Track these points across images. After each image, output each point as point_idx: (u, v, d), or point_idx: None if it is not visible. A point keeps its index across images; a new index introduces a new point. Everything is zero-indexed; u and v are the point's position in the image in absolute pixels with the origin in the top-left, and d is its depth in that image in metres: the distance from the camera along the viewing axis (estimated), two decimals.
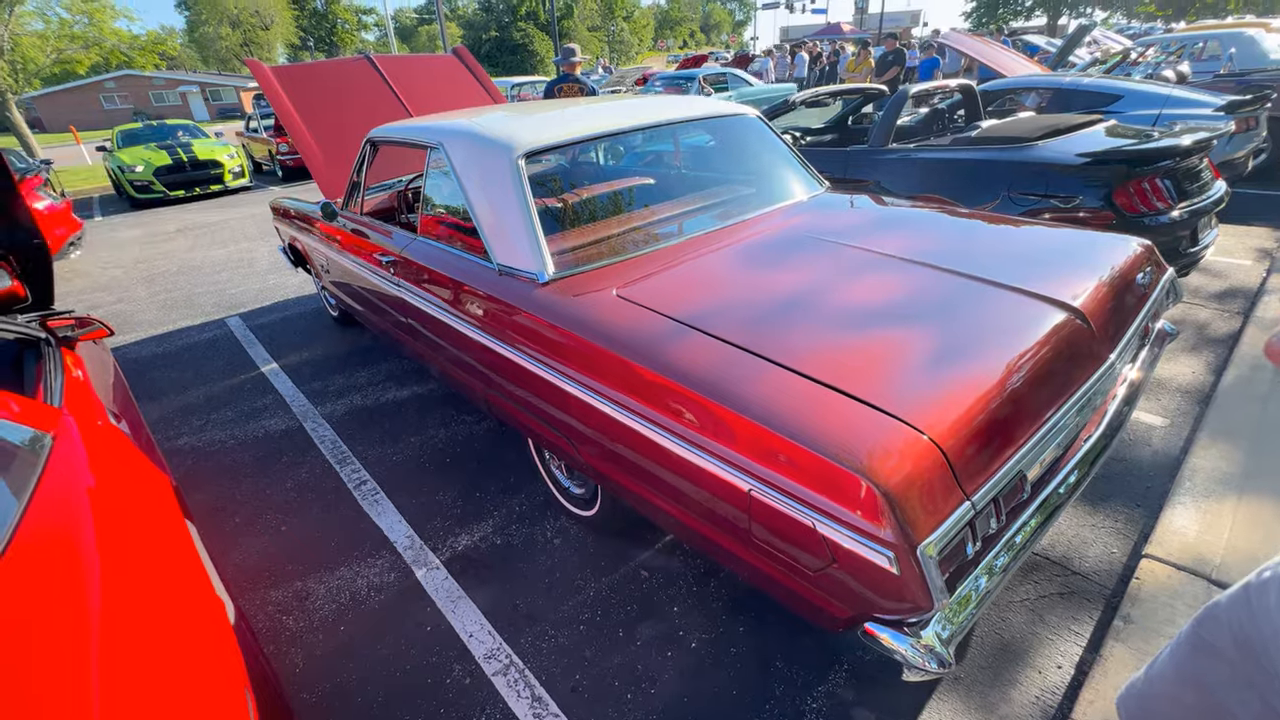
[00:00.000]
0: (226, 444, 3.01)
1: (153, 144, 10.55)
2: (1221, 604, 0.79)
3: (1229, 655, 0.76)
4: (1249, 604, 0.73)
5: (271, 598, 2.07)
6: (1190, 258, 3.11)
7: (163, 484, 1.50)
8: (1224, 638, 0.77)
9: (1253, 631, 0.71)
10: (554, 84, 4.82)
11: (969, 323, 1.48)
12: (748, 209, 2.33)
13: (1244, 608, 0.74)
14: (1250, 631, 0.72)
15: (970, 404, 1.22)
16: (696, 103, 2.63)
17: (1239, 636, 0.74)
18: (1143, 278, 1.85)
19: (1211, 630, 0.80)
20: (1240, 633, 0.74)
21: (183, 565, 1.24)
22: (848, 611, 1.18)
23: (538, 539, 2.23)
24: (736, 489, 1.27)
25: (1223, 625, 0.78)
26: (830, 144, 4.86)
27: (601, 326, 1.64)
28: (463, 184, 2.17)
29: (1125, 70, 8.73)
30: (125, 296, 5.46)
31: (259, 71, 3.83)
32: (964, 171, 3.35)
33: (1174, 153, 2.97)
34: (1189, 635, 0.84)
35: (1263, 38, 8.63)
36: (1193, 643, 0.83)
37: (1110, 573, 1.90)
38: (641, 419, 1.46)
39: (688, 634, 1.82)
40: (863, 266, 1.80)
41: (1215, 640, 0.79)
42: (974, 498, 1.13)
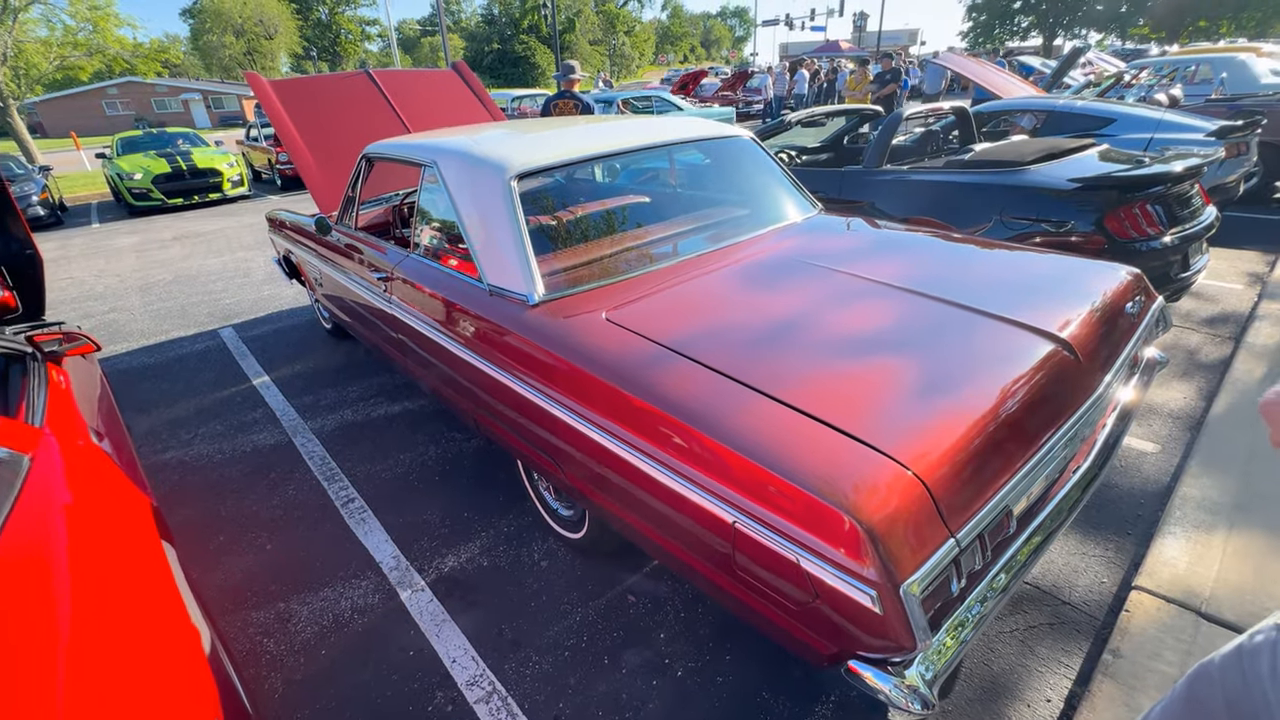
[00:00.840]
0: (214, 459, 2.98)
1: (152, 152, 10.58)
2: (1215, 663, 0.78)
3: (1221, 717, 0.74)
4: (1241, 668, 0.72)
5: (253, 619, 2.04)
6: (1181, 283, 3.12)
7: (143, 506, 1.48)
8: (1216, 699, 0.75)
9: (1244, 696, 0.70)
10: (552, 100, 4.85)
11: (956, 353, 1.47)
12: (740, 231, 2.34)
13: (1236, 671, 0.73)
14: (1242, 695, 0.71)
15: (956, 438, 1.21)
16: (690, 124, 2.64)
17: (1231, 699, 0.73)
18: (1132, 306, 1.85)
19: (1204, 690, 0.78)
20: (1232, 695, 0.73)
21: (158, 592, 1.22)
22: (831, 648, 1.17)
23: (525, 561, 2.21)
24: (721, 520, 1.25)
25: (1215, 685, 0.76)
26: (825, 164, 4.89)
27: (589, 350, 1.64)
28: (455, 203, 2.18)
29: (1119, 93, 8.84)
30: (119, 305, 5.44)
31: (257, 84, 3.84)
32: (957, 194, 3.37)
33: (1165, 179, 2.99)
34: (1182, 692, 0.82)
35: (1253, 62, 8.75)
36: (1185, 701, 0.81)
37: (1100, 603, 1.89)
38: (627, 445, 1.45)
39: (674, 662, 1.80)
40: (852, 293, 1.80)
41: (1207, 700, 0.77)
42: (959, 535, 1.12)
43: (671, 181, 3.12)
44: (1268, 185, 6.08)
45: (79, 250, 7.77)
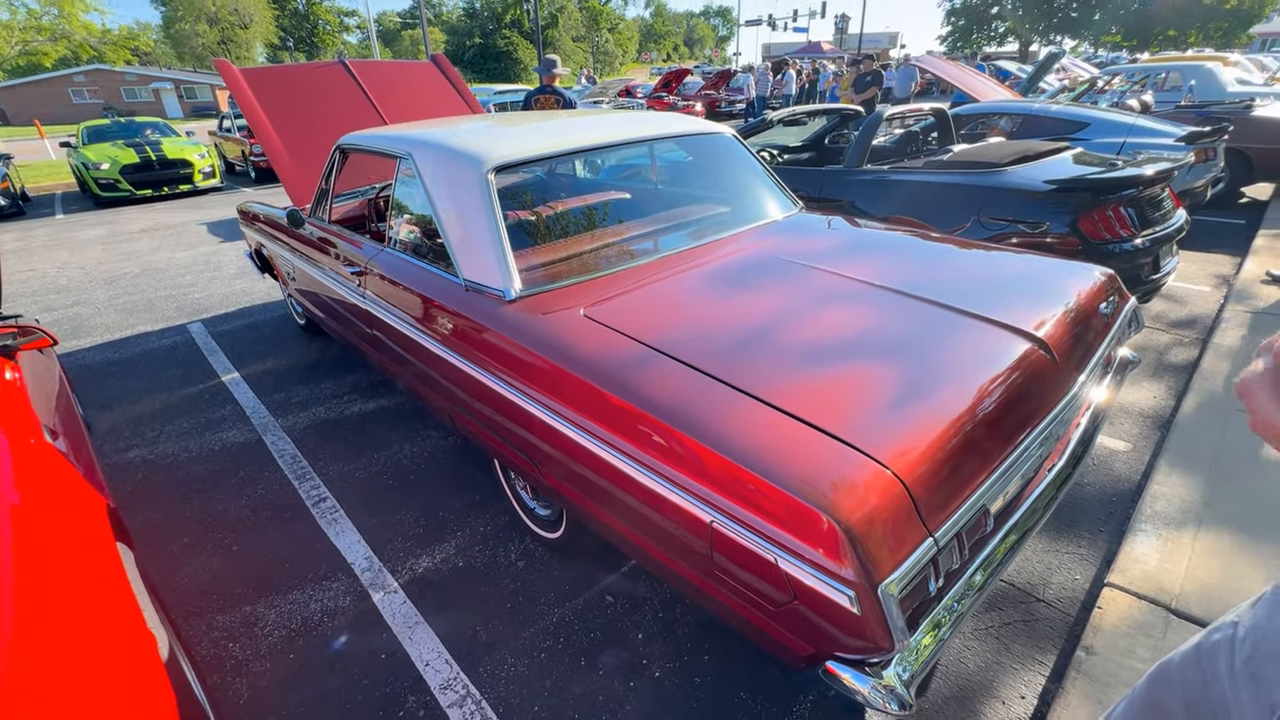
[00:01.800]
0: (180, 457, 2.89)
1: (120, 141, 10.27)
2: (1174, 662, 0.77)
3: (1180, 716, 0.74)
4: (1200, 666, 0.72)
5: (217, 623, 1.97)
6: (1152, 284, 3.18)
7: (98, 508, 1.41)
8: (1176, 698, 0.75)
9: (1203, 695, 0.69)
10: (532, 95, 4.80)
11: (935, 352, 1.47)
12: (720, 229, 2.32)
13: (1195, 670, 0.72)
14: (1200, 695, 0.70)
15: (935, 437, 1.21)
16: (670, 120, 2.62)
17: (1190, 698, 0.72)
18: (1106, 307, 1.87)
19: (1163, 690, 0.78)
20: (1191, 694, 0.72)
21: (111, 597, 1.16)
22: (808, 649, 1.16)
23: (501, 561, 2.17)
24: (699, 520, 1.23)
25: (1175, 685, 0.76)
26: (806, 163, 4.91)
27: (566, 347, 1.61)
28: (431, 196, 2.13)
29: (1092, 98, 9.02)
30: (83, 299, 5.27)
31: (228, 72, 3.74)
32: (936, 194, 3.40)
33: (1137, 182, 3.04)
34: (1143, 692, 0.82)
35: (1221, 71, 8.99)
36: (1145, 701, 0.81)
37: (1073, 600, 1.91)
38: (604, 444, 1.43)
39: (651, 663, 1.77)
40: (832, 292, 1.79)
41: (1167, 700, 0.77)
42: (937, 534, 1.12)
43: (653, 178, 3.10)
44: (1234, 190, 6.25)
45: (41, 241, 7.51)
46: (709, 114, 18.57)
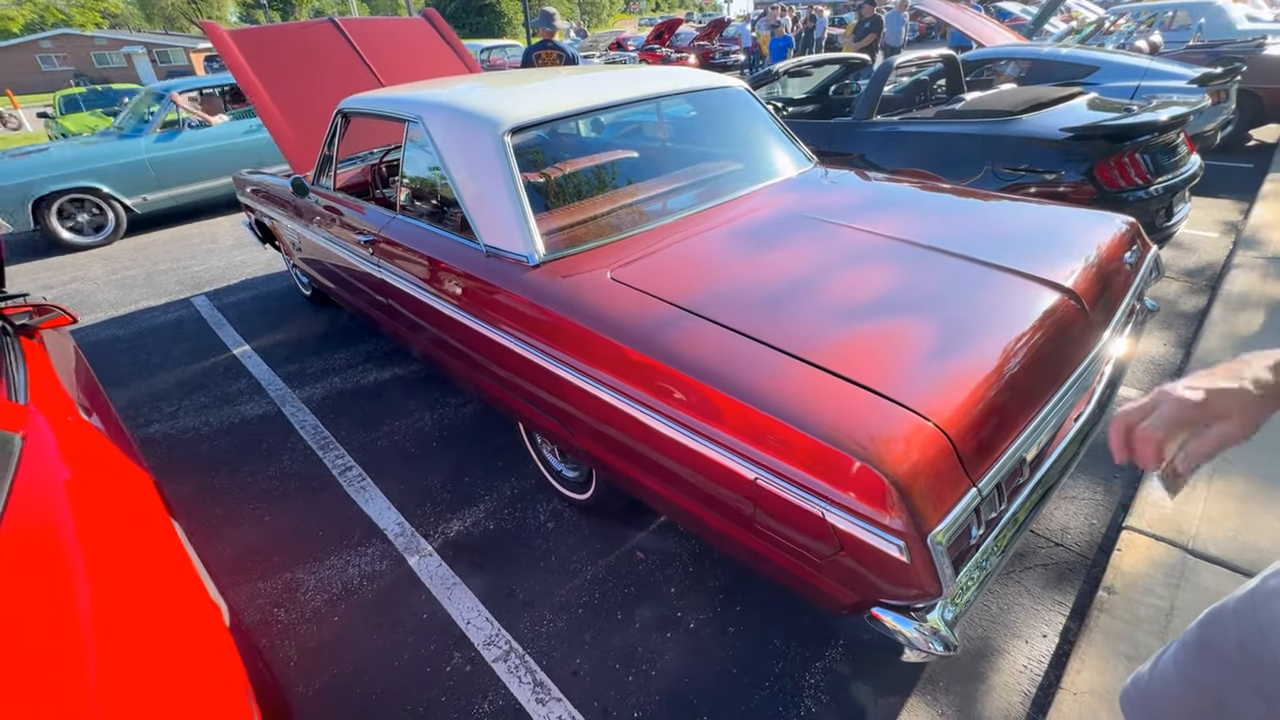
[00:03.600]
0: (201, 431, 2.91)
1: (99, 110, 9.97)
2: (1228, 607, 0.79)
3: (1234, 660, 0.76)
4: (1255, 612, 0.73)
5: (260, 590, 2.02)
6: (1165, 232, 3.17)
7: (145, 483, 1.43)
8: (1230, 642, 0.77)
9: (1259, 639, 0.71)
10: (533, 50, 4.65)
11: (968, 306, 1.48)
12: (740, 186, 2.29)
13: (1251, 615, 0.74)
14: (1256, 638, 0.72)
15: (974, 390, 1.23)
16: (683, 74, 2.55)
17: (1244, 641, 0.74)
18: (1130, 255, 1.87)
19: (1217, 634, 0.80)
20: (1246, 638, 0.74)
21: (174, 569, 1.19)
22: (854, 597, 1.20)
23: (530, 523, 2.22)
24: (742, 477, 1.26)
25: (1229, 629, 0.78)
26: (812, 115, 4.80)
27: (598, 311, 1.61)
28: (445, 161, 2.09)
29: (1099, 39, 8.78)
30: (80, 275, 5.20)
31: (216, 36, 3.60)
32: (948, 145, 3.34)
33: (1155, 127, 3.00)
34: (1194, 636, 0.84)
35: (1230, 7, 8.73)
36: (1198, 644, 0.83)
37: (1091, 544, 1.97)
38: (642, 406, 1.44)
39: (686, 615, 1.84)
40: (859, 248, 1.78)
41: (1220, 644, 0.79)
42: (980, 484, 1.15)
43: (660, 135, 3.03)
44: (1241, 133, 6.15)
45: None
46: (704, 65, 18.04)
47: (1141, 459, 0.70)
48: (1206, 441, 0.68)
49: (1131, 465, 0.78)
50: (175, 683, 0.96)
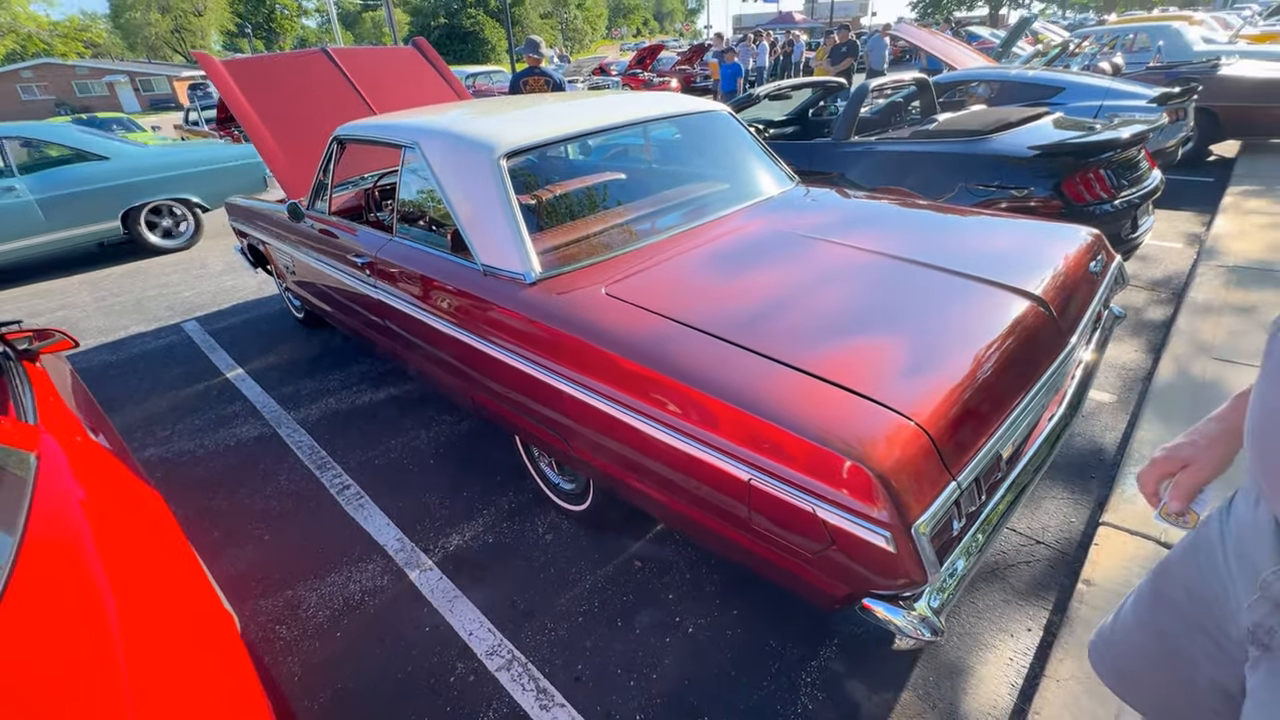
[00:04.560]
0: (197, 454, 2.92)
1: None
2: (1174, 557, 0.90)
3: (1183, 603, 0.86)
4: (1197, 559, 0.84)
5: (262, 607, 2.04)
6: (1131, 243, 3.32)
7: (155, 499, 1.47)
8: (1178, 589, 0.87)
9: (1201, 582, 0.82)
10: (520, 77, 4.78)
11: (945, 314, 1.57)
12: (725, 205, 2.39)
13: (1193, 563, 0.85)
14: (1199, 581, 0.82)
15: (951, 391, 1.31)
16: (669, 100, 2.66)
17: (1190, 586, 0.84)
18: (1095, 265, 1.99)
19: (1165, 582, 0.90)
20: (1191, 583, 0.84)
21: (190, 581, 1.23)
22: (845, 589, 1.26)
23: (529, 535, 2.26)
24: (736, 479, 1.33)
25: (1176, 578, 0.88)
26: (792, 136, 4.96)
27: (594, 325, 1.68)
28: (442, 185, 2.16)
29: (1065, 61, 9.15)
30: (68, 302, 5.19)
31: (209, 65, 3.68)
32: (923, 163, 3.49)
33: (1116, 144, 3.16)
34: (1148, 587, 0.94)
35: (1187, 30, 9.15)
36: (1151, 594, 0.93)
37: (1071, 540, 2.05)
38: (640, 415, 1.51)
39: (684, 620, 1.88)
40: (841, 262, 1.88)
41: (1169, 591, 0.89)
42: (959, 478, 1.22)
43: (647, 157, 3.14)
44: (1203, 148, 6.43)
45: None
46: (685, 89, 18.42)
47: (1150, 504, 0.92)
48: (1179, 485, 0.87)
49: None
50: (199, 687, 1.00)
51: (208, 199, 6.52)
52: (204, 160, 6.51)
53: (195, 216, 6.58)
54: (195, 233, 6.61)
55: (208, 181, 6.49)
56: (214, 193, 6.49)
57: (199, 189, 6.45)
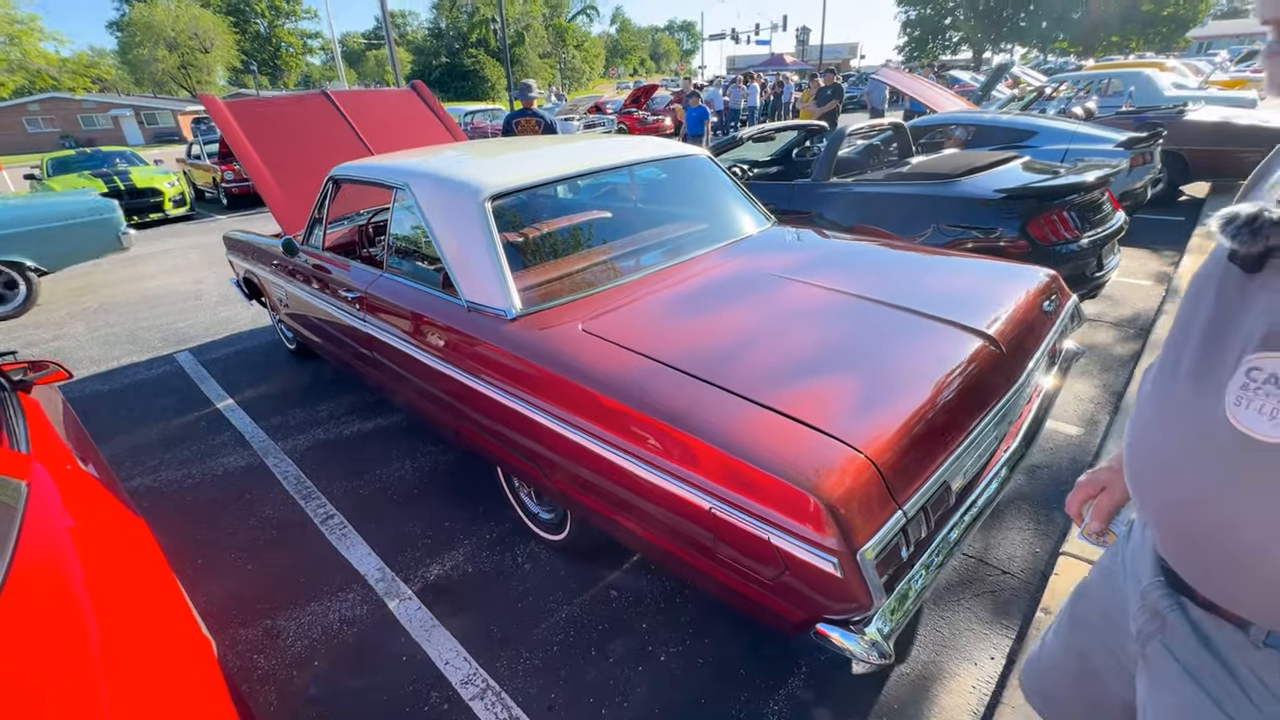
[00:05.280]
0: (183, 484, 2.95)
1: (87, 172, 10.15)
2: (1090, 581, 0.96)
3: (1097, 625, 0.91)
4: (1107, 582, 0.90)
5: (241, 637, 2.06)
6: (1096, 281, 3.45)
7: (140, 528, 1.52)
8: (1093, 611, 0.92)
9: (1112, 603, 0.87)
10: (513, 118, 4.97)
11: (899, 350, 1.66)
12: (701, 245, 2.50)
13: (1104, 585, 0.90)
14: (1110, 602, 0.87)
15: (899, 424, 1.39)
16: (651, 144, 2.80)
17: (1103, 608, 0.89)
18: (1049, 305, 2.09)
19: (1083, 606, 0.95)
20: (1104, 604, 0.89)
21: (169, 605, 1.28)
22: (800, 614, 1.32)
23: (508, 565, 2.30)
24: (699, 508, 1.39)
25: (1091, 600, 0.93)
26: (775, 177, 5.14)
27: (570, 360, 1.76)
28: (430, 225, 2.27)
29: (1041, 105, 9.51)
30: (62, 333, 5.25)
31: (213, 107, 3.83)
32: (898, 204, 3.64)
33: (1078, 188, 3.31)
34: (1067, 611, 1.00)
35: (1157, 76, 9.57)
36: (1070, 618, 0.98)
37: (1035, 570, 2.11)
38: (611, 446, 1.58)
39: (657, 648, 1.92)
40: (807, 301, 1.98)
41: (1086, 614, 0.94)
42: (905, 506, 1.29)
43: (632, 196, 3.27)
44: (1174, 189, 6.67)
45: None
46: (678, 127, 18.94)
47: (1075, 524, 1.02)
48: (1098, 507, 0.97)
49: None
50: (174, 710, 1.05)
51: (47, 260, 5.72)
52: (42, 217, 5.73)
53: (28, 281, 5.70)
54: (27, 299, 5.72)
55: (47, 241, 5.69)
56: (55, 253, 5.77)
57: (33, 250, 5.61)
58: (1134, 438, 0.77)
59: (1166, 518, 0.72)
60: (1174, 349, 0.71)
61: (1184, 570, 0.71)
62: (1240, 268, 0.61)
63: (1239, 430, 0.58)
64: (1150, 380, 0.77)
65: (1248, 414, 0.58)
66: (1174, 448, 0.69)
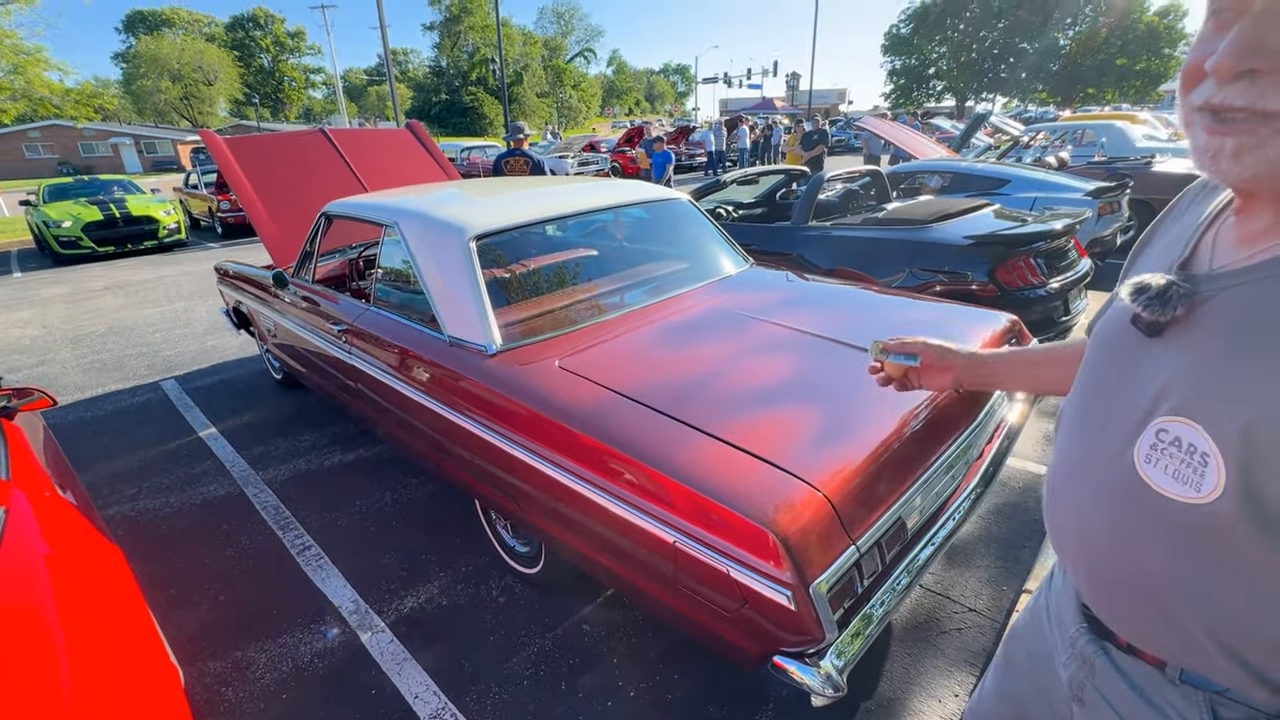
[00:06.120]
0: (160, 512, 2.95)
1: (83, 199, 10.26)
2: (1018, 625, 0.97)
3: (1026, 668, 0.91)
4: (1033, 625, 0.91)
5: (209, 669, 2.05)
6: (1063, 325, 3.57)
7: (115, 556, 1.54)
8: (1021, 653, 0.93)
9: (1038, 646, 0.88)
10: (502, 157, 5.13)
11: (859, 390, 1.73)
12: (679, 285, 2.59)
13: (1031, 627, 0.91)
14: (1036, 646, 0.88)
15: (855, 461, 1.45)
16: (632, 187, 2.92)
17: (1030, 650, 0.90)
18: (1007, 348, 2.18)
19: (1013, 648, 0.96)
20: (1030, 647, 0.90)
21: (139, 633, 1.30)
22: (758, 647, 1.35)
23: (483, 598, 2.31)
24: (663, 541, 1.44)
25: (1020, 642, 0.94)
26: (759, 219, 5.31)
27: (545, 396, 1.82)
28: (417, 262, 2.35)
29: (1018, 154, 9.89)
30: (48, 359, 5.25)
31: (212, 142, 3.95)
32: (873, 248, 3.77)
33: (1043, 236, 3.46)
34: (1000, 655, 1.00)
35: (1128, 128, 10.00)
36: (1004, 661, 0.99)
37: (1001, 608, 2.15)
38: (581, 480, 1.63)
39: (627, 684, 1.93)
40: (775, 341, 2.06)
41: (1016, 656, 0.95)
42: (859, 542, 1.35)
43: (617, 235, 3.38)
44: None
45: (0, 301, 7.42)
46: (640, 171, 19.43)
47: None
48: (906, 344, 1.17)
49: None
50: None
51: None
52: None
53: None
54: None
55: None
56: None
57: None
58: (1052, 487, 0.81)
59: (1085, 565, 0.75)
60: (1086, 400, 0.75)
61: (1103, 615, 0.74)
62: (1143, 333, 0.66)
63: (1149, 485, 0.62)
64: (1065, 428, 0.81)
65: (1155, 471, 0.62)
66: (1091, 499, 0.72)
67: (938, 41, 37.86)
